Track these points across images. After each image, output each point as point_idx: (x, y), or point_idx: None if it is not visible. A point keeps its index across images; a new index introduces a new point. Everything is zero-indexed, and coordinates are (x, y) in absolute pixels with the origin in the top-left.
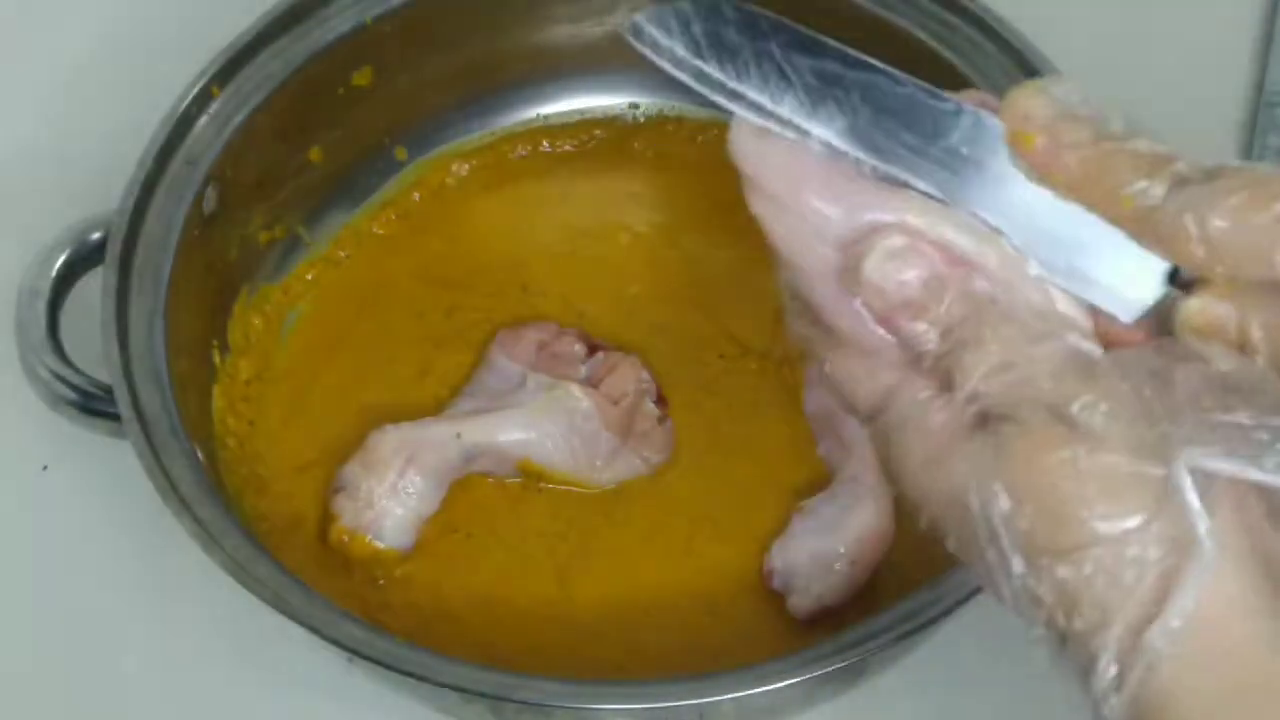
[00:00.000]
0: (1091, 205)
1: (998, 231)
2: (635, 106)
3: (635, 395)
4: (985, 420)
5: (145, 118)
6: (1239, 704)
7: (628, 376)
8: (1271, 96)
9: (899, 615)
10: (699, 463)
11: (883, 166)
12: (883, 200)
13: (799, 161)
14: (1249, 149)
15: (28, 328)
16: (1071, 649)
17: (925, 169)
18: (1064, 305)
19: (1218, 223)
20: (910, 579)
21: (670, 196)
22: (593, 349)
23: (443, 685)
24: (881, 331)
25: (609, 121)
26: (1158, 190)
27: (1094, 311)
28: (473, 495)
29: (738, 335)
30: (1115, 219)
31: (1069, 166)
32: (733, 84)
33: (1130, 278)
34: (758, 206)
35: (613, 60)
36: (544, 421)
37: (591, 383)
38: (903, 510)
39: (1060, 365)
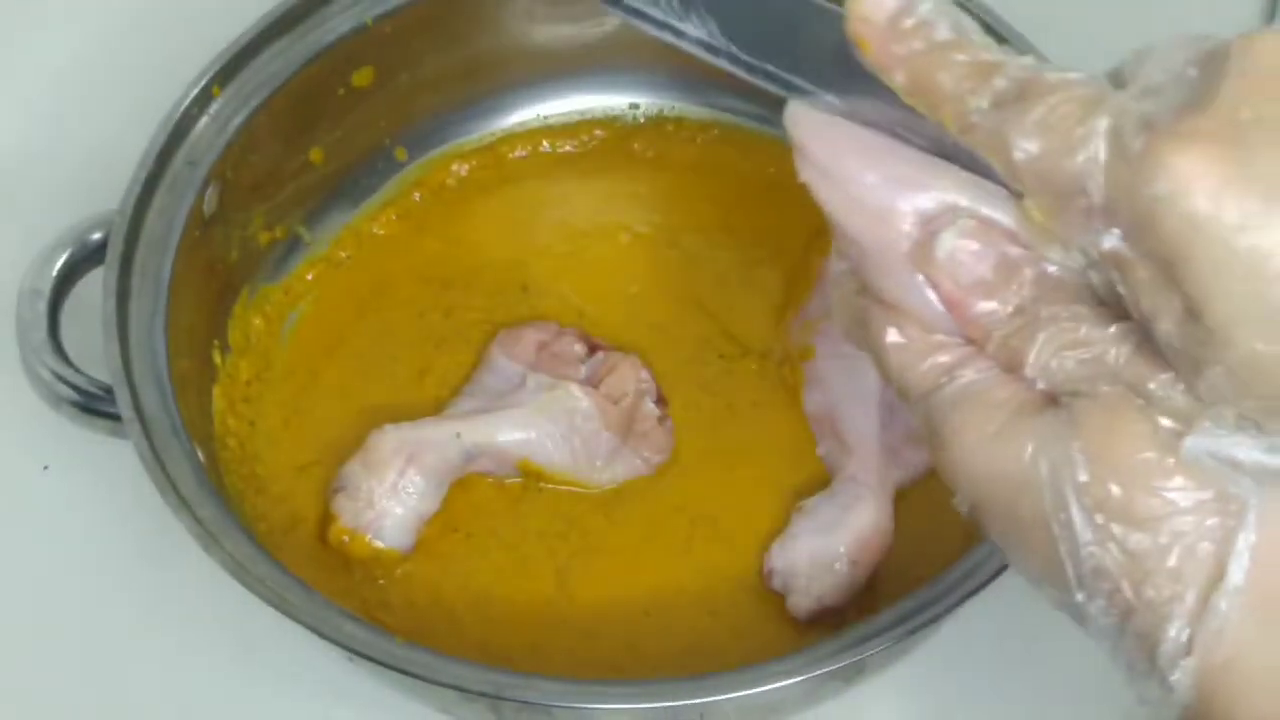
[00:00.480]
0: (923, 113)
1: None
2: (635, 106)
3: (635, 395)
4: (1054, 399)
5: (146, 118)
6: None
7: (628, 376)
8: None
9: (899, 615)
10: (699, 463)
11: (759, 63)
12: (923, 175)
13: (846, 131)
14: None
15: (28, 328)
16: (1137, 620)
17: (803, 67)
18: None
19: (1021, 148)
20: (910, 579)
21: (670, 196)
22: (593, 349)
23: (442, 685)
24: (943, 309)
25: (609, 121)
26: (977, 104)
27: None
28: (473, 495)
29: (738, 335)
30: (943, 128)
31: (898, 77)
32: None
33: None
34: (806, 174)
35: (613, 60)
36: (544, 421)
37: (591, 383)
38: (903, 510)
39: (1132, 345)
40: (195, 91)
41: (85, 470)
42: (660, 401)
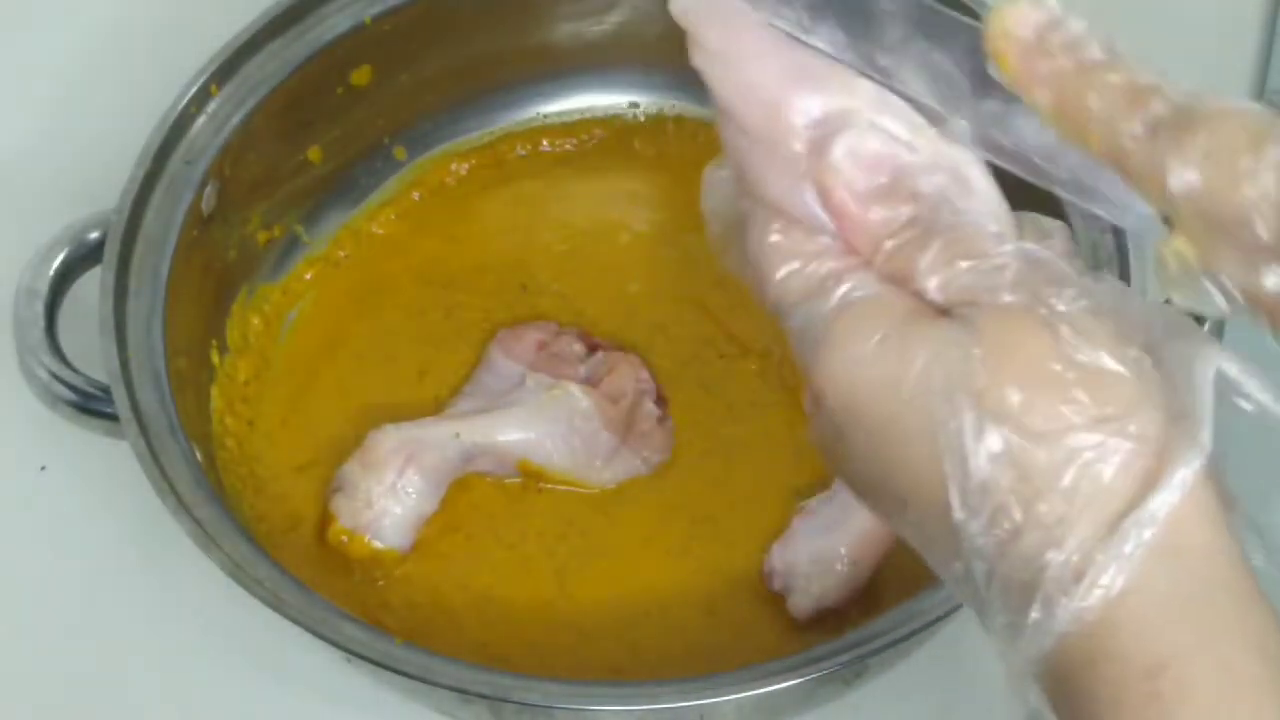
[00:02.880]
0: (1065, 137)
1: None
2: (635, 106)
3: (635, 395)
4: (945, 312)
5: (144, 117)
6: (1202, 602)
7: (627, 376)
8: (1273, 95)
9: (899, 616)
10: (699, 463)
11: (880, 79)
12: (827, 73)
13: (746, 18)
14: None
15: (26, 327)
16: (1023, 541)
17: (924, 82)
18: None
19: (1183, 176)
20: (911, 579)
21: (670, 196)
22: (592, 348)
23: (441, 686)
24: (827, 219)
25: (609, 121)
26: (1130, 128)
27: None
28: (472, 495)
29: (738, 335)
30: (1089, 153)
31: (1042, 97)
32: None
33: (1127, 192)
34: (697, 58)
35: (613, 59)
36: (543, 421)
37: (591, 382)
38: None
39: (1031, 262)
40: (193, 90)
41: (82, 470)
42: (660, 401)
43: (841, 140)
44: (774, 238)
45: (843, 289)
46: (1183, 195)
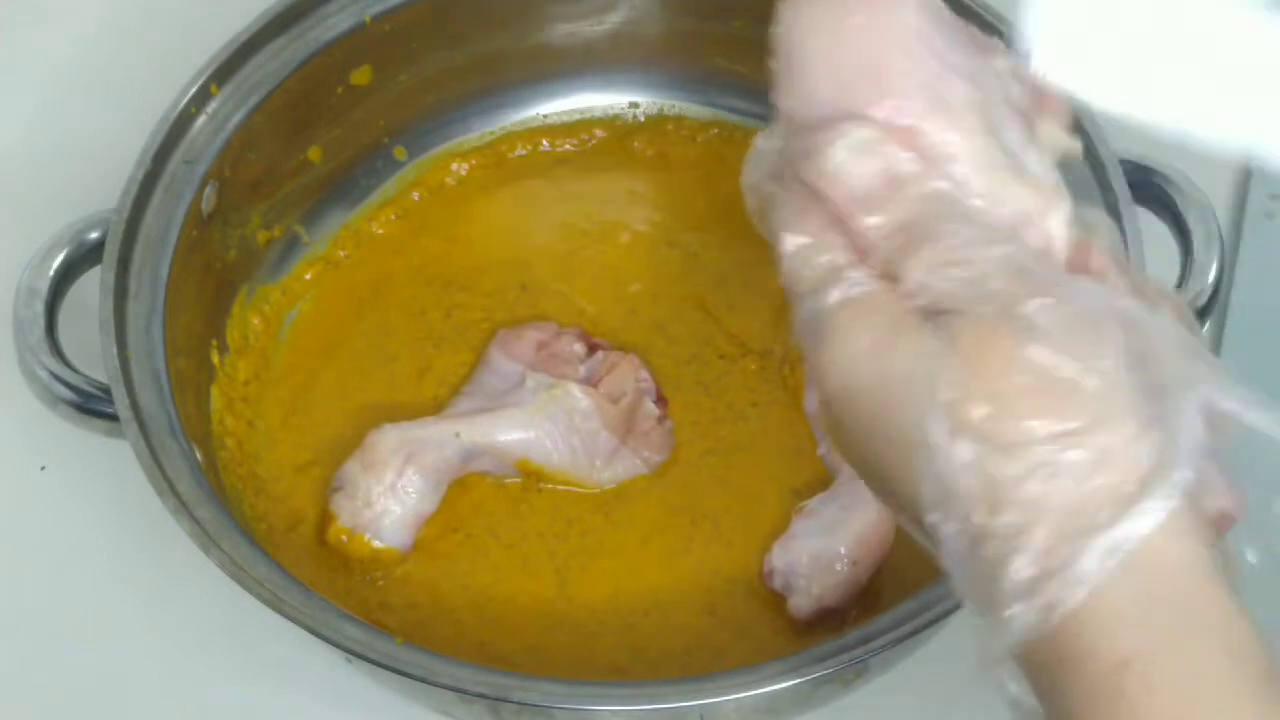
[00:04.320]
0: None
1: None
2: (635, 106)
3: (635, 394)
4: (933, 315)
5: (144, 117)
6: (1167, 606)
7: (627, 376)
8: None
9: (900, 616)
10: (699, 463)
11: None
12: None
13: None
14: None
15: (26, 327)
16: (987, 547)
17: None
18: (1039, 214)
19: None
20: (911, 579)
21: (670, 196)
22: (592, 348)
23: (441, 686)
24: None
25: (609, 121)
26: None
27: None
28: (472, 495)
29: (738, 335)
30: None
31: None
32: None
33: None
34: (777, 30)
35: (613, 59)
36: (543, 421)
37: (591, 382)
38: None
39: (1016, 269)
40: (193, 90)
41: (82, 471)
42: (660, 401)
43: (833, 150)
44: (787, 238)
45: (843, 285)
46: None
